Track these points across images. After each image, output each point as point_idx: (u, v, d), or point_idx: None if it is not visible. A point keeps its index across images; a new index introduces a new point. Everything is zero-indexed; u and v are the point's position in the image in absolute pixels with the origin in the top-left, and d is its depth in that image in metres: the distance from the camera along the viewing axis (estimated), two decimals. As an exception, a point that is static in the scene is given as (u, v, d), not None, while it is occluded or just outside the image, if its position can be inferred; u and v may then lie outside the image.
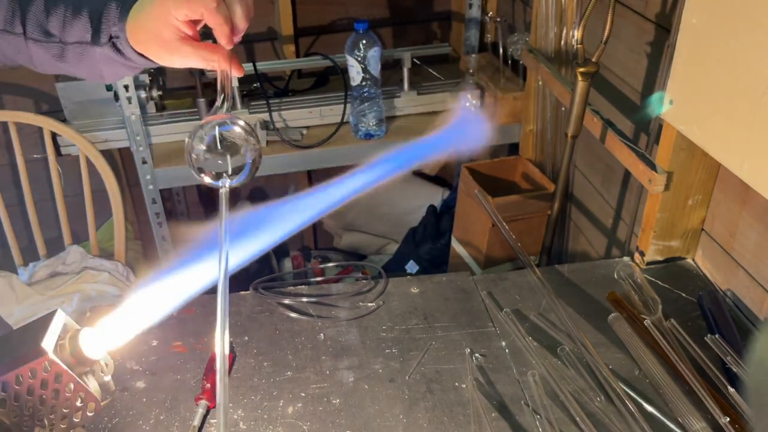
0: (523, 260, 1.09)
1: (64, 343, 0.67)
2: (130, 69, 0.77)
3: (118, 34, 0.72)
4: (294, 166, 1.78)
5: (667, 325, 0.95)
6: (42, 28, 0.75)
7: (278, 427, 0.86)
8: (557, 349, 0.94)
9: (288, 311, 1.04)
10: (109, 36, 0.73)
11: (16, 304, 1.48)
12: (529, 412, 0.86)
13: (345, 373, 0.94)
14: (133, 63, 0.75)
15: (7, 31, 0.76)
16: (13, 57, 0.79)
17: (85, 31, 0.74)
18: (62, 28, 0.74)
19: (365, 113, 1.75)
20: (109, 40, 0.73)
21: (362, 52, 1.68)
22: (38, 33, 0.75)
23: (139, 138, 1.69)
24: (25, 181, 1.62)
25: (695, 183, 1.05)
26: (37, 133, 1.69)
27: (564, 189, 1.38)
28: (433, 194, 2.26)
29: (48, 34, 0.75)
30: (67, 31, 0.74)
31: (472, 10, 1.97)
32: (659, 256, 1.12)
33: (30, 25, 0.75)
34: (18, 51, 0.77)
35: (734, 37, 0.82)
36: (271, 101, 1.81)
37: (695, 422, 0.82)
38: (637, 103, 1.30)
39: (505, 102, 1.78)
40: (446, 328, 1.01)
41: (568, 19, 1.47)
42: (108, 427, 0.86)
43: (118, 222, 1.61)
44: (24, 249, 1.69)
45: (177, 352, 0.97)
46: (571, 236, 1.68)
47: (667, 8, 1.17)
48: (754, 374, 0.61)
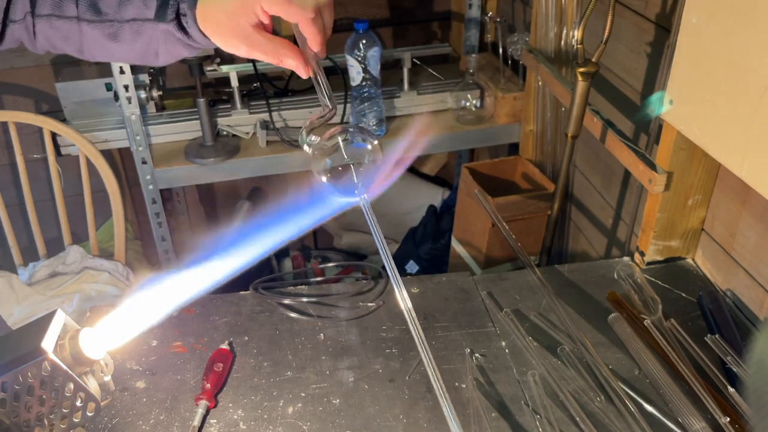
0: (523, 260, 1.09)
1: (64, 343, 0.67)
2: (189, 49, 0.75)
3: (186, 11, 0.71)
4: (294, 166, 1.77)
5: (667, 325, 0.95)
6: (94, 7, 0.73)
7: (278, 427, 0.86)
8: (557, 349, 0.94)
9: (288, 311, 1.04)
10: (176, 12, 0.71)
11: (16, 304, 1.48)
12: (529, 412, 0.86)
13: (345, 373, 0.94)
14: (195, 43, 0.73)
15: (56, 15, 0.74)
16: (61, 45, 0.77)
17: (145, 7, 0.72)
18: (118, 5, 0.72)
19: (365, 113, 1.75)
20: (176, 17, 0.71)
21: (362, 52, 1.68)
22: (91, 12, 0.73)
23: (139, 138, 1.69)
24: (25, 181, 1.62)
25: (695, 183, 1.05)
26: (37, 133, 1.69)
27: (564, 189, 1.38)
28: (433, 194, 2.26)
29: (101, 12, 0.73)
30: (123, 8, 0.72)
31: (472, 10, 1.97)
32: (659, 256, 1.12)
33: (82, 5, 0.73)
34: (67, 37, 0.76)
35: (734, 37, 0.82)
36: (271, 101, 1.81)
37: (695, 422, 0.82)
38: (637, 103, 1.30)
39: (505, 102, 1.78)
40: (446, 328, 1.00)
41: (568, 19, 1.47)
42: (108, 427, 0.86)
43: (118, 222, 1.61)
44: (24, 249, 1.69)
45: (177, 352, 0.97)
46: (571, 236, 1.68)
47: (667, 8, 1.17)
48: (754, 374, 0.60)
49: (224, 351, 0.95)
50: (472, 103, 1.82)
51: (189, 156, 1.74)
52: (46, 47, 0.78)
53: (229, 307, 1.05)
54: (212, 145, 1.76)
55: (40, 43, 0.78)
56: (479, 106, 1.83)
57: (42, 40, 0.77)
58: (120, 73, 1.61)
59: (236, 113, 1.81)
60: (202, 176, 1.79)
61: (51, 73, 1.98)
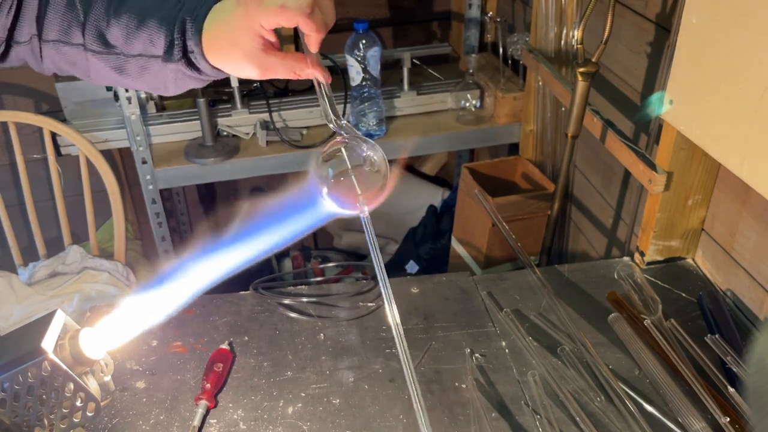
0: (523, 260, 1.09)
1: (64, 343, 0.67)
2: (199, 82, 0.73)
3: (192, 48, 0.68)
4: (294, 166, 1.77)
5: (667, 325, 0.95)
6: (102, 39, 0.71)
7: (278, 427, 0.86)
8: (557, 349, 0.94)
9: (288, 311, 1.04)
10: (183, 51, 0.69)
11: (16, 304, 1.48)
12: (529, 412, 0.86)
13: (345, 373, 0.94)
14: (205, 77, 0.72)
15: (63, 41, 0.72)
16: (67, 69, 0.75)
17: (151, 45, 0.69)
18: (125, 39, 0.70)
19: (365, 113, 1.75)
20: (183, 56, 0.69)
21: (362, 52, 1.68)
22: (98, 44, 0.71)
23: (139, 138, 1.69)
24: (25, 181, 1.62)
25: (695, 183, 1.05)
26: (37, 133, 1.69)
27: (564, 189, 1.38)
28: (433, 194, 2.26)
29: (108, 44, 0.71)
30: (130, 43, 0.70)
31: (471, 10, 1.97)
32: (659, 256, 1.12)
33: (89, 35, 0.71)
34: (73, 63, 0.74)
35: (734, 37, 0.82)
36: (271, 101, 1.81)
37: (695, 422, 0.82)
38: (637, 103, 1.30)
39: (505, 102, 1.78)
40: (446, 328, 1.00)
41: (568, 19, 1.47)
42: (108, 427, 0.86)
43: (118, 222, 1.61)
44: (24, 249, 1.69)
45: (177, 352, 0.97)
46: (571, 236, 1.68)
47: (667, 8, 1.17)
48: (754, 374, 0.60)
49: (224, 351, 0.95)
50: (472, 103, 1.82)
51: (189, 156, 1.74)
52: (53, 69, 0.77)
53: (229, 307, 1.05)
54: (212, 145, 1.76)
55: (47, 66, 0.76)
56: (479, 106, 1.83)
57: (49, 63, 0.76)
58: (120, 73, 1.61)
59: (236, 113, 1.81)
60: (202, 176, 1.79)
61: (51, 73, 1.98)
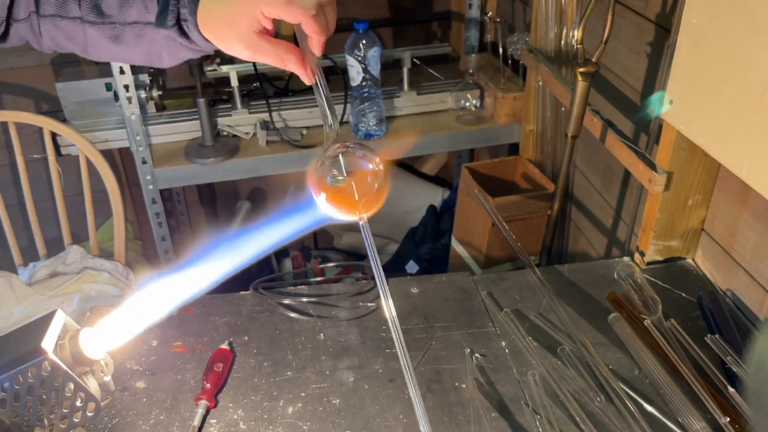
0: (523, 260, 1.09)
1: (64, 343, 0.67)
2: (192, 52, 0.75)
3: (186, 17, 0.70)
4: (294, 166, 1.78)
5: (667, 325, 0.95)
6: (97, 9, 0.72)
7: (278, 427, 0.86)
8: (557, 349, 0.94)
9: (288, 311, 1.04)
10: (177, 18, 0.70)
11: (16, 304, 1.48)
12: (529, 412, 0.86)
13: (345, 373, 0.94)
14: (197, 47, 0.73)
15: (60, 15, 0.74)
16: (66, 44, 0.77)
17: (146, 11, 0.71)
18: (119, 7, 0.72)
19: (365, 113, 1.75)
20: (176, 22, 0.70)
21: (362, 52, 1.68)
22: (93, 14, 0.73)
23: (139, 138, 1.69)
24: (25, 181, 1.62)
25: (695, 183, 1.05)
26: (37, 133, 1.69)
27: (564, 189, 1.38)
28: (433, 194, 2.26)
29: (103, 14, 0.72)
30: (125, 11, 0.72)
31: (471, 10, 1.97)
32: (659, 256, 1.12)
33: (85, 6, 0.73)
34: (71, 37, 0.75)
35: (734, 37, 0.82)
36: (271, 101, 1.81)
37: (695, 422, 0.82)
38: (637, 103, 1.30)
39: (505, 102, 1.78)
40: (446, 328, 1.00)
41: (568, 19, 1.47)
42: (108, 427, 0.86)
43: (118, 222, 1.61)
44: (24, 249, 1.69)
45: (177, 352, 0.97)
46: (571, 236, 1.68)
47: (667, 8, 1.17)
48: (754, 374, 0.60)
49: (224, 351, 0.95)
50: (472, 103, 1.82)
51: (189, 156, 1.74)
52: (52, 46, 0.79)
53: (229, 307, 1.05)
54: (212, 145, 1.76)
55: (46, 43, 0.78)
56: (479, 106, 1.83)
57: (47, 39, 0.77)
58: (120, 73, 1.61)
59: (236, 113, 1.81)
60: (202, 176, 1.79)
61: (51, 73, 1.98)
